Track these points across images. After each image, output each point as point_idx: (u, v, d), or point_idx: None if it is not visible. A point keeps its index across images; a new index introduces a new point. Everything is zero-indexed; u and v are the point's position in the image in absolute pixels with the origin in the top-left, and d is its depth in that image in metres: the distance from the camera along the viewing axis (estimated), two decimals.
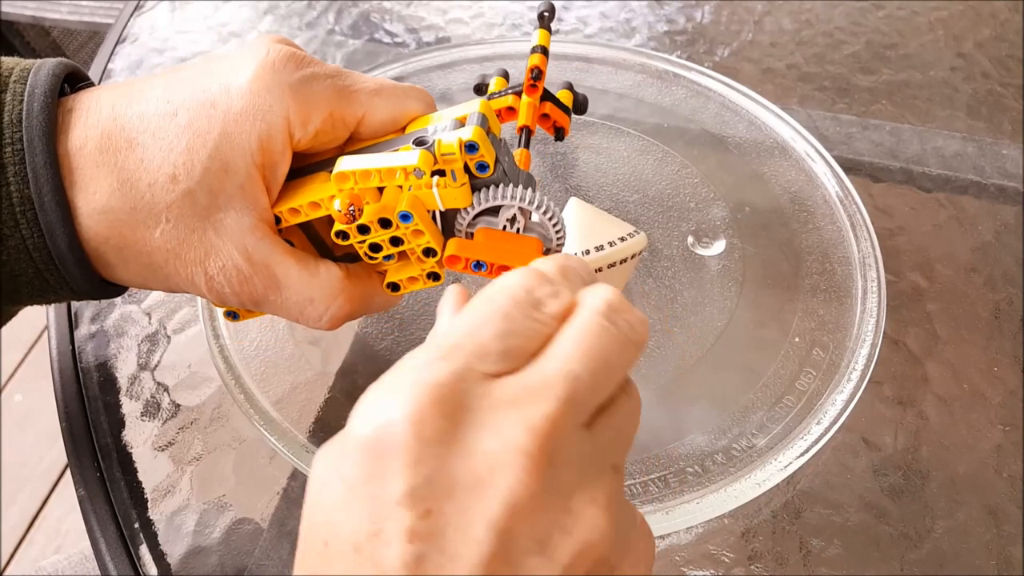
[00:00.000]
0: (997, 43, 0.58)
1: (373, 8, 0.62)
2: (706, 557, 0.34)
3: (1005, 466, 0.36)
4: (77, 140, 0.29)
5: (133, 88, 0.31)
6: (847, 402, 0.36)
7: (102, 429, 0.39)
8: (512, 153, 0.32)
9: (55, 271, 0.30)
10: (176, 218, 0.29)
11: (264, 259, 0.30)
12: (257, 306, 0.32)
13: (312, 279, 0.31)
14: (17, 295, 0.30)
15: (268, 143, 0.30)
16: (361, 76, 0.32)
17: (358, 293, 0.32)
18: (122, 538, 0.35)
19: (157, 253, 0.30)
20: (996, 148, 0.50)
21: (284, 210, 0.31)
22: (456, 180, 0.29)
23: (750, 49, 0.57)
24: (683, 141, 0.48)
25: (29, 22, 1.02)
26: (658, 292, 0.41)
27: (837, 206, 0.44)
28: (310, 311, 0.31)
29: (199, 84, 0.30)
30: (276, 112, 0.29)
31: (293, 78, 0.30)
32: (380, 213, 0.29)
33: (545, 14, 0.39)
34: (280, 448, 0.35)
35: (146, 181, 0.29)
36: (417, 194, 0.29)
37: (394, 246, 0.31)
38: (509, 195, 0.29)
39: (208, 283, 0.30)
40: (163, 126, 0.29)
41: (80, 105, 0.30)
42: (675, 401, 0.37)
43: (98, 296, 0.32)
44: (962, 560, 0.34)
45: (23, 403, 1.23)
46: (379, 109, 0.32)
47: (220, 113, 0.29)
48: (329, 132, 0.31)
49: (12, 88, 0.29)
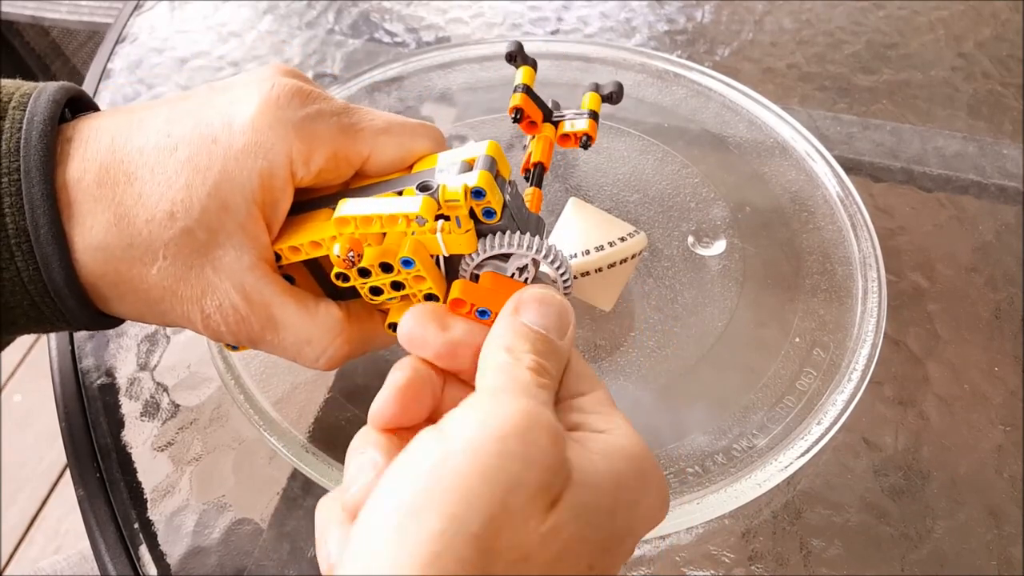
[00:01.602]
0: (998, 43, 0.58)
1: (373, 8, 0.62)
2: (706, 557, 0.34)
3: (1006, 466, 0.36)
4: (75, 172, 0.29)
5: (134, 118, 0.30)
6: (847, 402, 0.36)
7: (102, 429, 0.38)
8: (522, 195, 0.31)
9: (51, 303, 0.29)
10: (173, 255, 0.29)
11: (262, 299, 0.30)
12: (254, 345, 0.31)
13: (311, 320, 0.30)
14: (12, 325, 0.30)
15: (269, 181, 0.29)
16: (368, 113, 0.31)
17: (358, 334, 0.32)
18: (122, 538, 0.35)
19: (154, 290, 0.29)
20: (997, 148, 0.50)
21: (285, 248, 0.30)
22: (461, 226, 0.28)
23: (750, 49, 0.57)
24: (683, 141, 0.48)
25: (29, 22, 1.02)
26: (658, 292, 0.41)
27: (838, 206, 0.44)
28: (307, 352, 0.31)
29: (201, 117, 0.29)
30: (278, 150, 0.29)
31: (297, 115, 0.29)
32: (381, 257, 0.29)
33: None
34: (280, 448, 0.35)
35: (144, 217, 0.28)
36: (420, 239, 0.29)
37: (395, 290, 0.30)
38: (519, 244, 0.28)
39: (204, 321, 0.30)
40: (162, 161, 0.29)
41: (80, 135, 0.29)
42: (675, 401, 0.37)
43: (95, 327, 0.32)
44: (963, 560, 0.34)
45: (23, 403, 1.23)
46: (385, 148, 0.31)
47: (221, 149, 0.29)
48: (333, 170, 0.31)
49: (11, 115, 0.29)
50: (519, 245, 0.28)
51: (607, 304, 0.38)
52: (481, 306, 0.28)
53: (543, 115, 0.36)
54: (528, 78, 0.35)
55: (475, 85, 0.52)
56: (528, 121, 0.35)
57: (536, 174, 0.34)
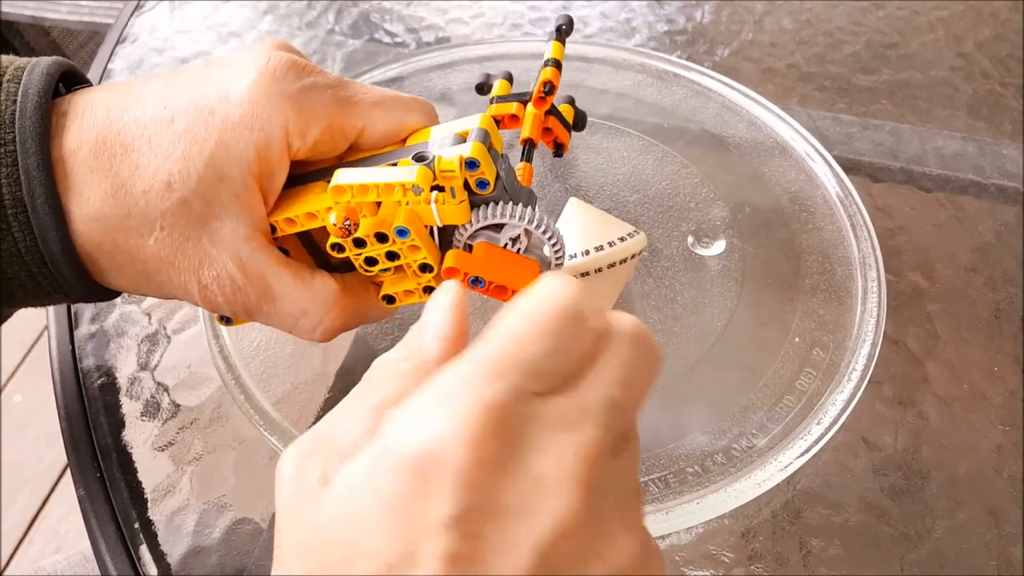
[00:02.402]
0: (997, 43, 0.58)
1: (373, 8, 0.62)
2: (706, 557, 0.34)
3: (1005, 466, 0.36)
4: (71, 144, 0.29)
5: (130, 91, 0.30)
6: (847, 402, 0.36)
7: (102, 429, 0.39)
8: (514, 168, 0.31)
9: (48, 274, 0.29)
10: (170, 226, 0.29)
11: (258, 269, 0.30)
12: (250, 316, 0.31)
13: (306, 291, 0.31)
14: (11, 298, 0.30)
15: (265, 153, 0.29)
16: (362, 87, 0.32)
17: (352, 305, 0.32)
18: (122, 538, 0.35)
19: (151, 260, 0.29)
20: (996, 148, 0.50)
21: (280, 219, 0.31)
22: (455, 197, 0.29)
23: (750, 49, 0.57)
24: (683, 141, 0.48)
25: (29, 22, 1.02)
26: (658, 292, 0.41)
27: (837, 206, 0.44)
28: (303, 323, 0.31)
29: (198, 90, 0.30)
30: (274, 122, 0.29)
31: (293, 88, 0.30)
32: (376, 227, 0.29)
33: (563, 27, 0.39)
34: (280, 448, 0.35)
35: (140, 188, 0.29)
36: (415, 209, 0.29)
37: (390, 260, 0.30)
38: (508, 213, 0.29)
39: (201, 292, 0.30)
40: (159, 132, 0.29)
41: (75, 107, 0.30)
42: (675, 401, 0.37)
43: (93, 299, 0.32)
44: (962, 560, 0.34)
45: (23, 403, 1.23)
46: (379, 121, 0.31)
47: (218, 121, 0.29)
48: (328, 143, 0.31)
49: (6, 88, 0.29)
50: (511, 215, 0.29)
51: (607, 304, 0.38)
52: (474, 274, 0.29)
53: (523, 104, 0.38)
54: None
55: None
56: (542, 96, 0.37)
57: (526, 150, 0.34)
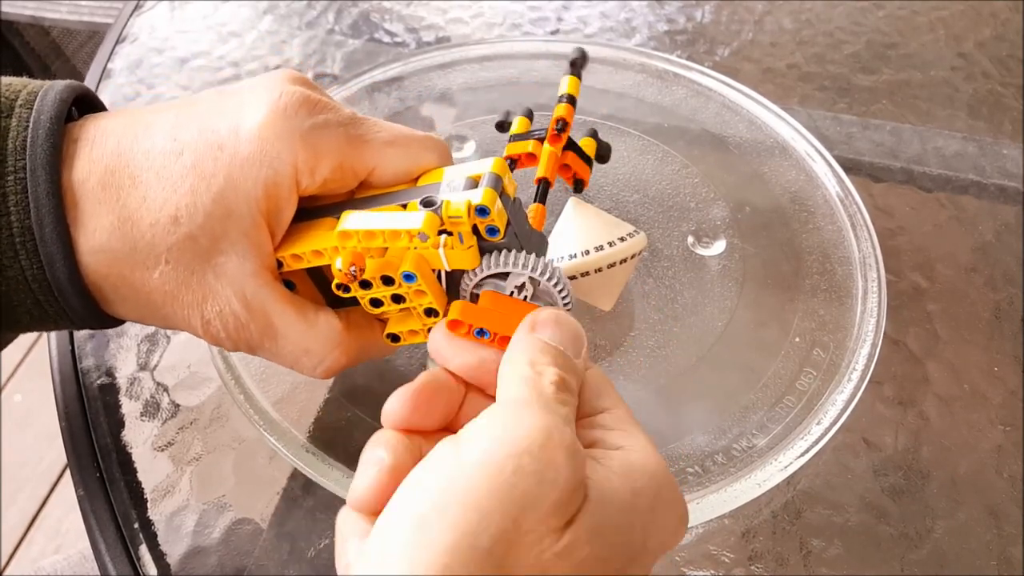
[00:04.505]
0: (997, 43, 0.58)
1: (373, 8, 0.62)
2: (706, 557, 0.34)
3: (1005, 466, 0.36)
4: (80, 173, 0.29)
5: (141, 120, 0.30)
6: (847, 402, 0.36)
7: (102, 429, 0.39)
8: (525, 212, 0.31)
9: (54, 302, 0.29)
10: (176, 260, 0.29)
11: (262, 306, 0.30)
12: (252, 351, 0.31)
13: (310, 330, 0.30)
14: (16, 324, 0.30)
15: (274, 190, 0.29)
16: (376, 124, 0.31)
17: (356, 344, 0.31)
18: (122, 538, 0.35)
19: (155, 293, 0.29)
20: (996, 148, 0.50)
21: (287, 256, 0.30)
22: (463, 242, 0.28)
23: (750, 49, 0.57)
24: (683, 141, 0.48)
25: (29, 22, 1.03)
26: (658, 292, 0.41)
27: (837, 206, 0.44)
28: (306, 361, 0.31)
29: (208, 123, 0.29)
30: (284, 159, 0.29)
31: (304, 125, 0.29)
32: (383, 270, 0.29)
33: (577, 60, 0.38)
34: (280, 448, 0.35)
35: (148, 221, 0.28)
36: (423, 253, 0.29)
37: (396, 303, 0.30)
38: (519, 263, 0.28)
39: (204, 326, 0.30)
40: (168, 165, 0.29)
41: (86, 135, 0.29)
42: (675, 401, 0.37)
43: (98, 326, 0.32)
44: (963, 560, 0.34)
45: (23, 403, 1.23)
46: (391, 161, 0.31)
47: (227, 156, 0.29)
48: (338, 181, 0.31)
49: (18, 113, 0.29)
50: (521, 265, 0.28)
51: (607, 304, 0.38)
52: (479, 326, 0.28)
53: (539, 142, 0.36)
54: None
55: (475, 85, 0.52)
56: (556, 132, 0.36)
57: (541, 191, 0.34)
